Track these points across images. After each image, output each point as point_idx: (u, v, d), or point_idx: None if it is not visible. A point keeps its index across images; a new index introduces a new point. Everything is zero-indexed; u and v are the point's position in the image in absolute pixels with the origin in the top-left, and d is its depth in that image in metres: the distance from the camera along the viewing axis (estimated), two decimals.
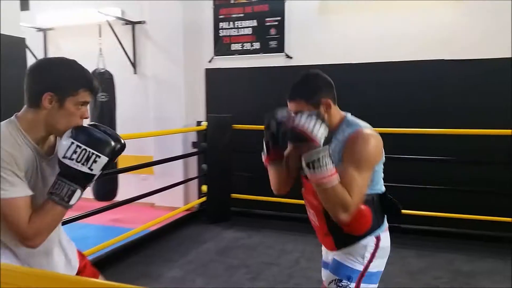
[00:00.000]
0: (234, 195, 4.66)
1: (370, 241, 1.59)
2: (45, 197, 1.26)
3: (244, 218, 4.66)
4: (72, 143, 1.23)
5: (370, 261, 1.58)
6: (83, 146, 1.22)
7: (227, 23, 5.09)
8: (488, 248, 3.73)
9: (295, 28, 4.79)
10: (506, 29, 3.91)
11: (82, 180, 1.24)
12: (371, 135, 1.51)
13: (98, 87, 1.40)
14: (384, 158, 1.57)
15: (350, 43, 4.53)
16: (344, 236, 1.58)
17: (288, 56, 4.83)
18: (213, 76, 5.16)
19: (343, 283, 1.58)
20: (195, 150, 4.99)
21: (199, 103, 5.23)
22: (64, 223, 1.98)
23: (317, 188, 1.45)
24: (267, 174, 1.79)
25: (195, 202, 4.85)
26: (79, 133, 1.25)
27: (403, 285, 3.06)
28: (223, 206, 4.62)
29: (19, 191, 1.20)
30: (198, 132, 4.90)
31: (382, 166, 1.59)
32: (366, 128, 1.55)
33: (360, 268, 1.58)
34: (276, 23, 4.89)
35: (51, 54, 5.87)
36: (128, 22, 5.36)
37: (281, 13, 4.85)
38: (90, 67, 4.90)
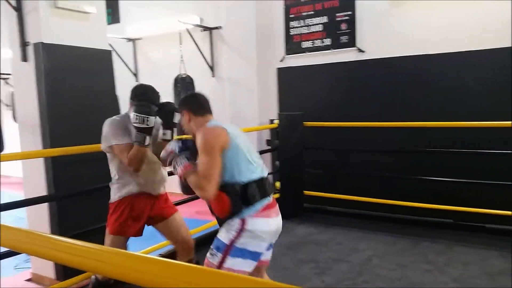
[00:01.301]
0: (306, 192, 4.72)
1: (235, 222, 1.94)
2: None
3: (317, 214, 4.70)
4: (135, 115, 2.25)
5: (236, 237, 1.92)
6: (140, 115, 2.25)
7: (298, 21, 5.16)
8: None
9: (367, 21, 4.69)
10: None
11: (145, 131, 2.27)
12: (208, 130, 1.98)
13: None
14: (232, 149, 1.94)
15: (424, 33, 4.32)
16: (218, 218, 2.03)
17: (360, 50, 4.74)
18: (284, 75, 5.27)
19: (213, 252, 1.98)
20: (268, 147, 5.14)
21: (272, 102, 5.37)
22: None
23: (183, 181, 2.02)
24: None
25: None
26: (138, 109, 2.29)
27: (481, 286, 2.88)
28: (295, 202, 4.70)
29: (124, 140, 2.35)
30: (271, 130, 5.04)
31: (239, 159, 1.95)
32: (207, 126, 2.02)
33: (226, 241, 1.94)
34: (347, 17, 4.83)
35: (139, 62, 6.47)
36: (206, 29, 5.70)
37: (352, 7, 4.78)
38: (173, 72, 5.36)
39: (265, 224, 1.96)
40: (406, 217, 4.29)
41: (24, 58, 3.07)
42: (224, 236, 1.97)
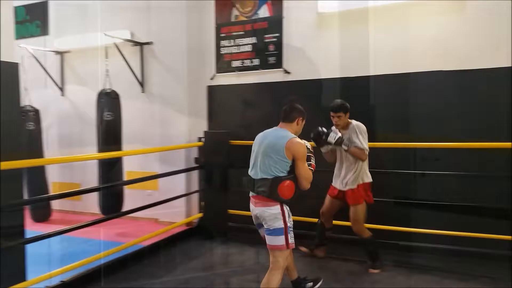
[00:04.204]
0: (231, 211, 4.68)
1: None
2: None
3: (241, 233, 4.64)
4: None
5: None
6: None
7: (228, 41, 5.20)
8: None
9: (293, 44, 4.81)
10: (505, 38, 3.75)
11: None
12: None
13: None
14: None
15: (346, 57, 4.49)
16: None
17: (286, 72, 4.84)
18: (214, 93, 5.26)
19: None
20: (196, 165, 5.07)
21: (202, 120, 5.33)
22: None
23: None
24: None
25: (193, 217, 4.91)
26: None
27: None
28: (219, 221, 4.64)
29: None
30: (199, 148, 4.98)
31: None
32: None
33: None
34: (275, 39, 4.93)
35: (67, 75, 6.22)
36: (136, 43, 5.59)
37: (280, 29, 4.89)
38: (98, 87, 5.19)
39: (251, 206, 2.86)
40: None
41: None
42: None
